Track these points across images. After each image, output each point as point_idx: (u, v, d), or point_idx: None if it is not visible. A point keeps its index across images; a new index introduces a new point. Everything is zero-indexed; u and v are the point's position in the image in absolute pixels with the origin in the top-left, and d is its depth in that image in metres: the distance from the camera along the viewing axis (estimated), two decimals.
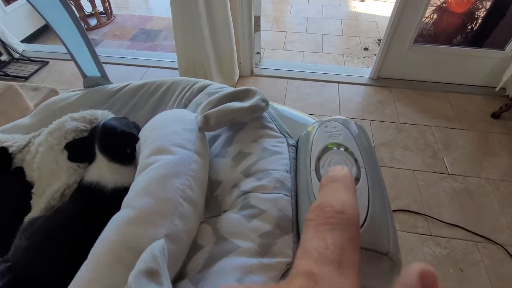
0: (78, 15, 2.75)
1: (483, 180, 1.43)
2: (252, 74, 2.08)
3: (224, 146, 0.51)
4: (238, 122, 0.53)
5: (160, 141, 0.46)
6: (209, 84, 0.65)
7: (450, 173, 1.47)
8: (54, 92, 1.80)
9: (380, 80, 1.99)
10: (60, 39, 0.76)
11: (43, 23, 2.72)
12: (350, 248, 0.13)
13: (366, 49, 2.42)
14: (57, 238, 0.51)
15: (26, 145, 0.71)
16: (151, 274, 0.28)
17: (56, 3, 0.69)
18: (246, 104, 0.47)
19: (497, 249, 1.20)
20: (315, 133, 0.41)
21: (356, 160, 0.35)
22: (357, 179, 0.33)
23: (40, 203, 0.60)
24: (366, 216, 0.30)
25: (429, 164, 1.51)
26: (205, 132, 0.53)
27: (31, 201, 0.62)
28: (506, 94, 1.79)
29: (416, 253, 1.20)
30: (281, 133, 0.50)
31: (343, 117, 0.41)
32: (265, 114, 0.52)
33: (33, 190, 0.63)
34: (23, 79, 2.12)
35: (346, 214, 0.14)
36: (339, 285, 0.11)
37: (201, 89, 0.64)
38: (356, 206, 0.15)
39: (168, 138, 0.46)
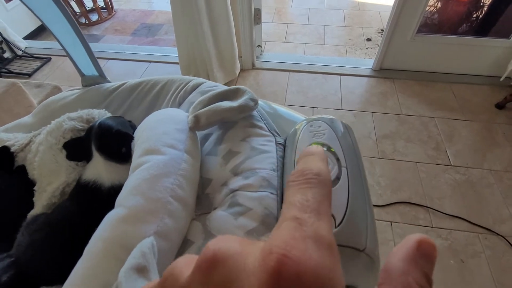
0: (79, 11, 2.72)
1: (486, 172, 1.42)
2: (253, 67, 2.07)
3: (215, 145, 0.52)
4: (229, 121, 0.53)
5: (151, 142, 0.47)
6: (202, 83, 0.65)
7: (452, 164, 1.46)
8: (58, 89, 1.81)
9: (382, 72, 1.97)
10: (56, 38, 0.77)
11: None
12: (325, 201, 0.16)
13: (369, 39, 2.38)
14: (56, 235, 0.53)
15: (27, 144, 0.73)
16: (141, 270, 0.29)
17: (49, 2, 0.69)
18: (235, 104, 0.48)
19: (499, 241, 1.19)
20: (301, 132, 0.42)
21: (338, 159, 0.35)
22: (337, 179, 0.34)
23: (42, 200, 0.62)
24: (344, 215, 0.30)
25: (431, 156, 1.50)
26: (198, 131, 0.53)
27: (33, 198, 0.64)
28: (511, 84, 1.76)
29: None
30: (270, 131, 0.50)
31: (330, 116, 0.42)
32: (254, 113, 0.53)
33: (35, 188, 0.65)
34: (27, 76, 2.14)
35: (322, 176, 0.17)
36: (319, 226, 0.14)
37: (195, 87, 0.65)
38: (328, 171, 0.18)
39: (159, 139, 0.47)
